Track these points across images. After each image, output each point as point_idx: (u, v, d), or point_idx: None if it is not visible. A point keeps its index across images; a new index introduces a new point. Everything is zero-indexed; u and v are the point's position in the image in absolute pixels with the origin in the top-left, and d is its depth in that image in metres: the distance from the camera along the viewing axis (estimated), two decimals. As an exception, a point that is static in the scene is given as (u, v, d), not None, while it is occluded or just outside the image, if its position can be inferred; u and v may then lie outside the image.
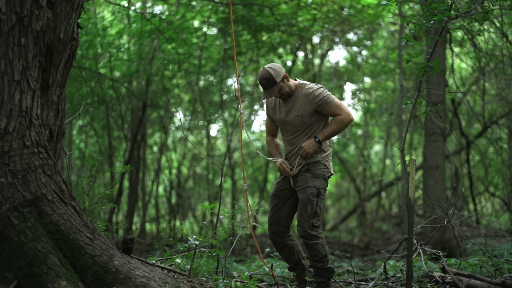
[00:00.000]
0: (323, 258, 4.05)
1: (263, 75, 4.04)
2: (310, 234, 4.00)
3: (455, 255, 6.88)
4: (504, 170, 11.35)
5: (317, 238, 4.02)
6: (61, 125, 3.46)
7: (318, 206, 4.04)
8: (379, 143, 16.92)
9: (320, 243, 4.03)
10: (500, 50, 8.55)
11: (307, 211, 4.02)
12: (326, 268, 4.11)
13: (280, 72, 4.06)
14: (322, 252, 4.04)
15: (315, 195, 4.04)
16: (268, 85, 4.03)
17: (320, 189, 4.08)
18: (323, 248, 4.05)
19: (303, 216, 4.04)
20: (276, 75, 4.02)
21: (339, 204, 18.46)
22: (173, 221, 13.92)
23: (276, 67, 4.07)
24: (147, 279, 3.10)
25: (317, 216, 4.04)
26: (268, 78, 4.02)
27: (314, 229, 4.01)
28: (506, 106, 10.28)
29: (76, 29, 3.38)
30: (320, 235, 4.05)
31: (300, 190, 4.10)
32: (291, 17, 10.51)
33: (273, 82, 4.02)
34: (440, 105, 7.10)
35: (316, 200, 4.03)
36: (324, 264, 4.08)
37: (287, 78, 4.10)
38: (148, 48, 11.49)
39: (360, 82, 15.08)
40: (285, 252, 4.26)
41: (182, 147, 15.27)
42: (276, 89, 4.03)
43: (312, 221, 4.00)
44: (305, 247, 4.14)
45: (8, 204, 2.94)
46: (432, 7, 4.51)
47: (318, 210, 4.04)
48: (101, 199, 4.78)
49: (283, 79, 4.07)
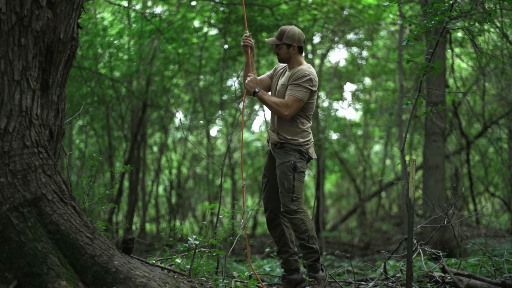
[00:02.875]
0: (303, 234, 3.99)
1: (283, 27, 4.14)
2: (290, 209, 3.99)
3: (455, 255, 6.88)
4: (504, 170, 11.35)
5: (296, 213, 4.00)
6: (61, 125, 3.46)
7: (296, 180, 4.03)
8: (379, 143, 16.92)
9: (299, 218, 3.99)
10: (500, 50, 8.55)
11: (284, 186, 4.03)
12: (309, 247, 4.04)
13: (295, 39, 4.10)
14: (302, 228, 3.99)
15: (290, 169, 4.03)
16: (277, 35, 4.12)
17: (296, 163, 4.05)
18: (303, 224, 3.99)
19: (282, 192, 4.05)
20: (288, 35, 4.08)
21: (339, 204, 18.47)
22: (173, 221, 13.93)
23: (297, 33, 4.11)
24: (147, 279, 3.10)
25: (296, 191, 4.01)
26: (282, 30, 4.11)
27: (293, 203, 4.00)
28: (506, 106, 10.28)
29: (76, 29, 3.38)
30: (300, 210, 4.01)
31: (277, 167, 4.11)
32: (292, 17, 10.51)
33: (280, 36, 4.10)
34: (440, 105, 7.10)
35: (292, 174, 4.02)
36: (304, 240, 4.01)
37: (295, 49, 4.12)
38: (148, 48, 11.49)
39: (360, 83, 15.09)
40: (277, 232, 4.23)
41: (182, 147, 15.27)
42: (276, 42, 4.09)
43: (291, 196, 3.99)
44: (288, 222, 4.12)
45: (8, 204, 2.94)
46: (434, 7, 4.51)
47: (296, 184, 4.02)
48: (101, 199, 4.78)
49: (289, 45, 4.10)
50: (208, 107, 13.68)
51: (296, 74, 4.05)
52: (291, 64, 4.16)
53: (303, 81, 4.01)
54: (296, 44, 4.10)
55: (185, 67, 12.22)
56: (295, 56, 4.14)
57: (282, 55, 4.14)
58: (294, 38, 4.09)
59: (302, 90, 4.01)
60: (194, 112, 14.30)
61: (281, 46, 4.11)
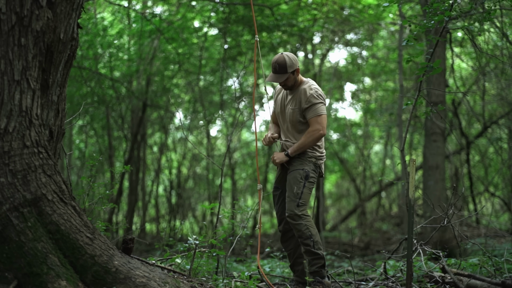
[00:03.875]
0: (308, 239, 4.01)
1: (278, 60, 4.12)
2: (295, 214, 4.02)
3: (455, 255, 6.88)
4: (504, 170, 11.35)
5: (300, 219, 4.02)
6: (61, 125, 3.46)
7: (306, 187, 4.08)
8: (379, 143, 16.92)
9: (304, 223, 4.02)
10: (500, 50, 8.55)
11: (293, 191, 4.07)
12: (315, 253, 4.05)
13: (295, 63, 4.13)
14: (307, 233, 4.01)
15: (303, 177, 4.10)
16: (278, 71, 4.11)
17: (309, 172, 4.12)
18: (308, 229, 4.02)
19: (289, 197, 4.09)
20: (290, 64, 4.10)
21: (339, 204, 18.46)
22: (173, 221, 13.93)
23: (293, 58, 4.14)
24: (147, 279, 3.10)
25: (303, 198, 4.06)
26: (281, 64, 4.10)
27: (299, 208, 4.03)
28: (506, 106, 10.28)
29: (76, 29, 3.38)
30: (304, 216, 4.04)
31: (289, 173, 4.17)
32: (291, 17, 10.52)
33: (284, 70, 4.10)
34: (440, 105, 7.09)
35: (303, 182, 4.08)
36: (309, 246, 4.03)
37: (298, 72, 4.17)
38: (148, 48, 11.49)
39: (360, 83, 15.09)
40: (291, 244, 4.27)
41: (182, 147, 15.27)
42: (283, 77, 4.11)
43: (298, 201, 4.04)
44: (292, 229, 4.14)
45: (8, 204, 2.93)
46: (433, 7, 4.51)
47: (305, 191, 4.07)
48: (101, 199, 4.78)
49: (294, 72, 4.13)
50: (208, 107, 13.68)
51: (305, 97, 4.12)
52: (295, 85, 4.22)
53: (314, 99, 4.10)
54: (297, 67, 4.16)
55: (185, 67, 12.22)
56: (299, 78, 4.22)
57: (290, 83, 4.17)
58: (294, 63, 4.14)
59: (319, 106, 4.11)
60: (194, 112, 14.30)
61: (288, 76, 4.13)
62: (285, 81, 4.15)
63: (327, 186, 18.17)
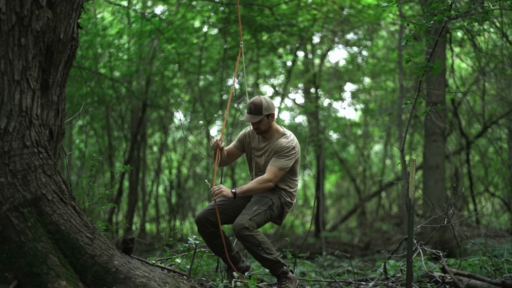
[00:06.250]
0: (256, 247, 3.91)
1: (255, 100, 4.06)
2: (243, 226, 3.89)
3: (455, 255, 6.88)
4: (504, 170, 11.35)
5: (247, 230, 3.90)
6: (61, 125, 3.46)
7: (265, 212, 4.01)
8: (379, 143, 16.93)
9: (250, 234, 3.90)
10: (500, 50, 8.55)
11: (252, 209, 3.99)
12: (268, 259, 3.97)
13: (271, 108, 4.08)
14: (254, 242, 3.91)
15: (267, 204, 4.05)
16: (253, 111, 4.05)
17: (274, 206, 4.07)
18: (255, 238, 3.91)
19: (246, 213, 3.98)
20: (265, 108, 4.04)
21: (339, 204, 18.46)
22: (173, 221, 13.93)
23: (270, 103, 4.09)
24: (147, 279, 3.10)
25: (258, 218, 3.98)
26: (257, 105, 4.04)
27: (249, 222, 3.92)
28: (506, 106, 10.28)
29: (76, 29, 3.38)
30: (252, 228, 3.93)
31: (255, 196, 4.11)
32: (291, 17, 10.52)
33: (259, 111, 4.03)
34: (440, 105, 7.10)
35: (265, 208, 4.02)
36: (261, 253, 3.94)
37: (273, 117, 4.12)
38: (148, 48, 11.49)
39: (360, 82, 15.09)
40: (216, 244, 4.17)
41: (182, 147, 15.27)
42: (257, 118, 4.04)
43: (251, 216, 3.94)
44: (240, 241, 4.03)
45: (8, 204, 2.94)
46: (432, 7, 4.51)
47: (262, 215, 4.00)
48: (101, 199, 4.79)
49: (268, 116, 4.08)
50: (208, 107, 13.68)
51: (279, 147, 4.06)
52: (270, 133, 4.15)
53: (286, 152, 4.04)
54: (273, 111, 4.09)
55: (185, 67, 12.22)
56: (273, 124, 4.15)
57: (263, 127, 4.09)
58: (270, 107, 4.07)
59: (285, 160, 4.04)
60: (194, 112, 14.30)
61: (262, 119, 4.05)
62: (258, 124, 4.06)
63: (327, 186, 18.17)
